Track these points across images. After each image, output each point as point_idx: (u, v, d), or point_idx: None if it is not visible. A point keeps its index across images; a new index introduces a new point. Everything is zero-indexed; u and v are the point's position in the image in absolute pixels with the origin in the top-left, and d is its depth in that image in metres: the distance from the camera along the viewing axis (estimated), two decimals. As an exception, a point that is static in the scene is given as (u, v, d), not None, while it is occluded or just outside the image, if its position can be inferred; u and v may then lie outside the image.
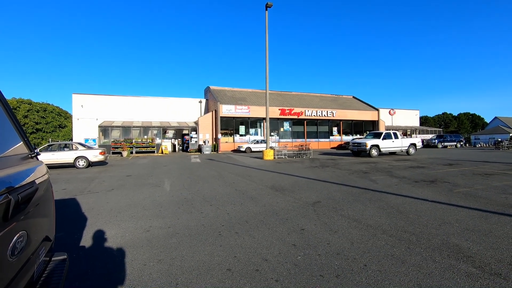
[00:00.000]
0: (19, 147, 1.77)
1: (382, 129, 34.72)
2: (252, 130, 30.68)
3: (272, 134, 30.47)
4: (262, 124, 30.76)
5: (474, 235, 3.65)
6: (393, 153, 19.88)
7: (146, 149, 26.59)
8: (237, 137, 29.34)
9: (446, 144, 32.69)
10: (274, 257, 3.11)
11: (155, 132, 28.56)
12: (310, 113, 31.71)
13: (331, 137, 33.91)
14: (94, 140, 26.90)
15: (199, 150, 27.32)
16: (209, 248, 3.40)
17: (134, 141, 26.29)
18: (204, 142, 27.53)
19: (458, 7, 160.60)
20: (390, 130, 25.42)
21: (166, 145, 28.25)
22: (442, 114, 68.45)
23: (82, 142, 22.30)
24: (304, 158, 18.20)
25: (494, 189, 6.72)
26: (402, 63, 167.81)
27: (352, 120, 34.86)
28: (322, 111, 32.27)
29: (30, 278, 1.43)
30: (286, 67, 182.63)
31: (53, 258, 1.89)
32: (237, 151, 26.56)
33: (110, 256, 3.24)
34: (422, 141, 22.67)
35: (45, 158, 13.01)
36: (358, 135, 34.48)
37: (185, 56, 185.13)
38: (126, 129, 27.32)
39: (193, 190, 7.29)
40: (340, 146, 32.22)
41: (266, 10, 18.21)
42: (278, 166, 13.02)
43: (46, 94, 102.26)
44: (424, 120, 62.89)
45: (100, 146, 24.17)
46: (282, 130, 31.68)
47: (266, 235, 3.81)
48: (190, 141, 28.19)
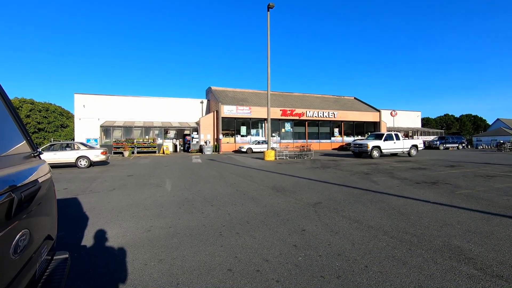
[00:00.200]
0: (22, 146, 1.78)
1: (383, 130, 34.64)
2: (253, 131, 30.68)
3: (273, 134, 30.46)
4: (263, 124, 30.76)
5: (476, 237, 3.63)
6: (394, 154, 19.84)
7: (147, 149, 26.63)
8: (238, 137, 29.34)
9: (447, 145, 32.57)
10: (275, 257, 3.11)
11: (157, 132, 28.61)
12: (311, 114, 31.68)
13: (333, 138, 33.85)
14: (95, 140, 26.98)
15: (200, 150, 27.34)
16: (210, 248, 3.40)
17: (135, 141, 26.34)
18: (205, 142, 27.55)
19: (461, 8, 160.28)
20: (391, 131, 25.39)
21: (168, 145, 28.29)
22: (444, 115, 68.31)
23: (84, 142, 22.38)
24: (305, 159, 18.19)
25: (496, 191, 6.70)
26: (404, 64, 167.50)
27: (353, 121, 34.80)
28: (323, 112, 32.23)
29: (32, 276, 1.43)
30: (287, 68, 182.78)
31: (55, 257, 1.90)
32: (238, 152, 26.56)
33: (111, 255, 3.24)
34: (424, 142, 22.55)
35: (47, 157, 13.05)
36: (360, 136, 34.38)
37: (186, 56, 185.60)
38: (127, 129, 27.39)
39: (194, 190, 7.29)
40: (341, 147, 32.16)
41: (268, 10, 18.22)
42: (279, 167, 13.02)
43: (48, 94, 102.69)
44: (425, 121, 62.72)
45: (101, 146, 24.25)
46: (283, 131, 31.66)
47: (267, 236, 3.81)
48: (192, 141, 28.21)
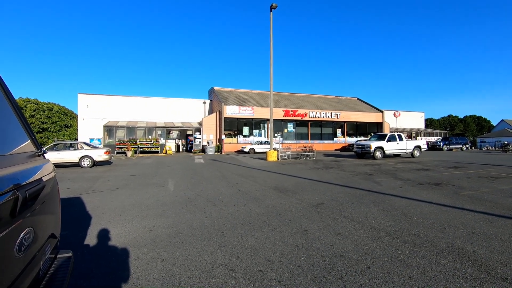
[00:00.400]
0: (27, 145, 1.79)
1: (386, 131, 34.50)
2: (255, 131, 30.69)
3: (275, 135, 30.43)
4: (266, 125, 30.75)
5: (480, 239, 3.60)
6: (397, 155, 19.74)
7: (150, 149, 26.75)
8: (240, 138, 29.36)
9: (451, 146, 32.34)
10: (277, 258, 3.11)
11: (159, 132, 28.72)
12: (314, 114, 31.62)
13: (335, 138, 33.77)
14: (99, 140, 27.13)
15: (203, 150, 27.39)
16: (212, 248, 3.41)
17: (138, 141, 26.47)
18: (207, 142, 27.60)
19: (465, 9, 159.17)
20: (394, 132, 25.26)
21: (170, 145, 28.37)
22: (448, 116, 67.85)
23: (87, 141, 22.53)
24: (307, 159, 18.15)
25: (500, 192, 6.64)
26: (407, 65, 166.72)
27: (356, 121, 34.68)
28: (326, 113, 32.16)
29: (36, 275, 1.44)
30: (290, 69, 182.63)
31: (58, 256, 1.91)
32: (240, 152, 26.58)
33: (114, 255, 3.26)
34: (427, 143, 22.44)
35: (51, 157, 13.14)
36: (362, 137, 34.26)
37: (189, 57, 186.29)
38: (130, 129, 27.53)
39: (196, 190, 7.31)
40: (344, 148, 32.08)
41: (271, 11, 18.23)
42: (282, 167, 13.00)
43: (53, 94, 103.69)
44: (429, 122, 62.35)
45: (105, 146, 24.36)
46: (286, 131, 31.63)
47: (269, 236, 3.80)
48: (194, 141, 28.29)
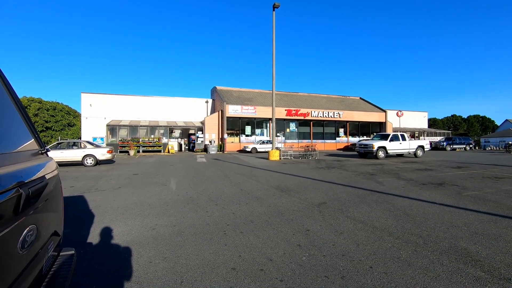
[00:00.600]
0: (30, 144, 1.80)
1: (389, 130, 34.33)
2: (258, 131, 30.68)
3: (278, 134, 30.40)
4: (268, 124, 30.73)
5: (483, 239, 3.58)
6: (400, 155, 19.64)
7: (152, 148, 26.83)
8: (243, 137, 29.37)
9: (455, 146, 32.13)
10: (279, 257, 3.11)
11: (162, 131, 28.80)
12: (316, 114, 31.55)
13: (338, 138, 33.66)
14: (102, 138, 27.29)
15: (205, 150, 27.44)
16: (214, 247, 3.41)
17: (141, 140, 26.56)
18: (210, 142, 27.65)
19: (467, 8, 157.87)
20: (397, 132, 25.12)
21: (173, 144, 28.46)
22: (451, 116, 67.38)
23: (90, 140, 22.65)
24: (310, 159, 18.12)
25: (504, 192, 6.58)
26: (410, 65, 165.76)
27: (359, 121, 34.54)
28: (328, 112, 32.07)
29: (39, 272, 1.45)
30: (293, 68, 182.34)
31: (61, 253, 1.92)
32: (243, 151, 26.59)
33: (116, 253, 3.28)
34: (430, 143, 22.28)
35: (54, 156, 13.22)
36: (365, 137, 34.14)
37: (192, 56, 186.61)
38: (133, 128, 27.63)
39: (198, 189, 7.33)
40: (346, 148, 31.97)
41: (273, 10, 18.19)
42: (284, 167, 13.00)
43: (56, 93, 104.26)
44: (432, 122, 61.96)
45: (107, 145, 24.47)
46: (288, 130, 31.59)
47: (271, 235, 3.80)
48: (196, 140, 28.35)
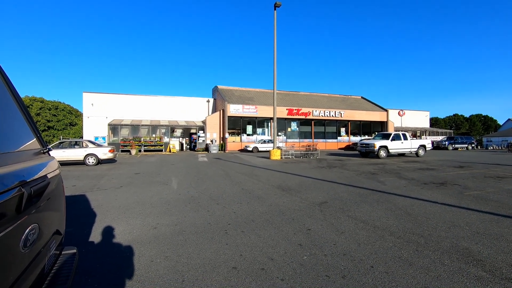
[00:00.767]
0: (32, 143, 1.81)
1: (391, 130, 34.23)
2: (259, 130, 30.67)
3: (279, 134, 30.39)
4: (269, 124, 30.71)
5: (485, 239, 3.56)
6: (402, 154, 19.59)
7: (154, 147, 26.88)
8: (244, 136, 29.38)
9: (456, 146, 32.00)
10: (280, 256, 3.11)
11: (163, 131, 28.85)
12: (317, 113, 31.50)
13: (339, 137, 33.60)
14: (103, 138, 27.36)
15: (207, 149, 27.47)
16: (215, 246, 3.42)
17: (142, 139, 26.62)
18: (211, 141, 27.67)
19: (469, 7, 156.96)
20: (399, 131, 25.04)
21: (174, 144, 28.51)
22: (453, 115, 67.11)
23: (92, 140, 22.73)
24: (311, 158, 18.10)
25: (506, 192, 6.56)
26: (412, 64, 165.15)
27: (360, 120, 34.47)
28: (330, 112, 32.01)
29: (41, 270, 1.46)
30: (294, 67, 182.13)
31: (63, 252, 1.93)
32: (244, 151, 26.60)
33: (118, 252, 3.29)
34: (432, 142, 22.23)
35: (56, 155, 13.29)
36: (367, 136, 34.05)
37: (194, 56, 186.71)
38: (135, 127, 27.69)
39: (200, 188, 7.34)
40: (348, 147, 31.92)
41: (274, 9, 18.16)
42: (285, 166, 12.99)
43: (58, 92, 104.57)
44: (434, 121, 61.72)
45: (109, 144, 24.55)
46: (289, 130, 31.56)
47: (272, 234, 3.81)
48: (198, 140, 28.40)
